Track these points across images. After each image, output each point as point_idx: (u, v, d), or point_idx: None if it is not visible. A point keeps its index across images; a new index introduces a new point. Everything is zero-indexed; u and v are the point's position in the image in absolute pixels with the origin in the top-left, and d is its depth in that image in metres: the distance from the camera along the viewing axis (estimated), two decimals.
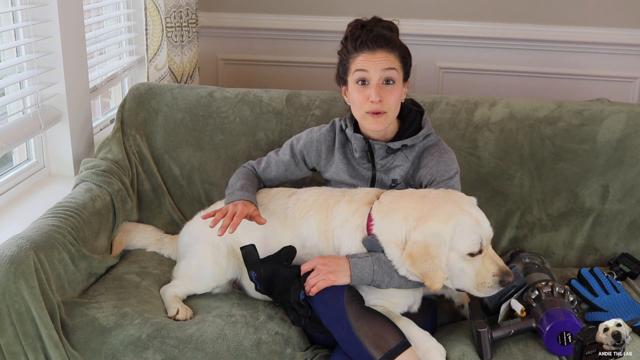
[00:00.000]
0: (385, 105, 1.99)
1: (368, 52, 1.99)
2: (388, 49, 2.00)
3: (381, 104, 1.99)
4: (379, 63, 1.98)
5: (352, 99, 2.05)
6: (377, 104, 1.98)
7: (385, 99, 1.99)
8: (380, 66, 1.98)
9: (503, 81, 3.41)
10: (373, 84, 1.99)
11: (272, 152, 2.27)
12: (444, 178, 2.02)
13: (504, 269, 1.79)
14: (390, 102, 2.00)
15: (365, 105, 2.01)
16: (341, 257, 1.87)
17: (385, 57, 1.99)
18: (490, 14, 3.34)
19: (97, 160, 2.42)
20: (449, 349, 1.83)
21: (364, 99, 2.00)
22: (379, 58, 1.98)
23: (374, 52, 1.99)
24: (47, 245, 1.93)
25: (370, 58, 1.99)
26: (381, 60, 1.98)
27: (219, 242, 2.13)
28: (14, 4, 2.35)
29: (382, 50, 1.99)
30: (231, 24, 3.51)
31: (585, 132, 2.43)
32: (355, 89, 2.02)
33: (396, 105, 2.04)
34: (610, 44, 3.28)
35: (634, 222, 2.41)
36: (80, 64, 2.54)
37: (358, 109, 2.04)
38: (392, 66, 1.99)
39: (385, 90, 1.99)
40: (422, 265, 1.77)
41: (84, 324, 1.89)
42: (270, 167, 2.24)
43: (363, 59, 2.00)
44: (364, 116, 2.03)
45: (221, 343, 1.87)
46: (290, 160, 2.22)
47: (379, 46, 1.99)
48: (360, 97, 2.01)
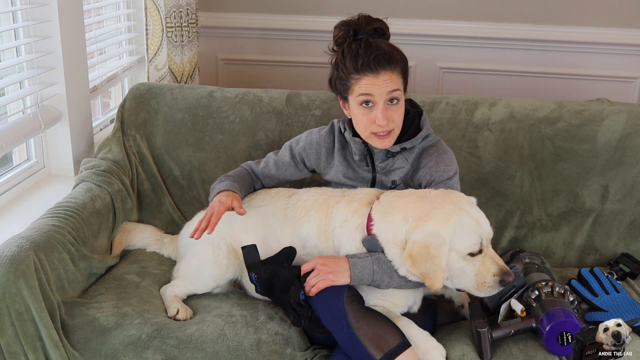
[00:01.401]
0: (391, 124, 1.97)
1: (371, 75, 1.92)
2: (390, 68, 1.93)
3: (388, 124, 1.96)
4: (383, 86, 1.93)
5: (357, 120, 2.01)
6: (384, 127, 1.96)
7: (391, 118, 1.96)
8: (385, 89, 1.93)
9: (503, 81, 3.41)
10: (379, 107, 1.94)
11: (271, 153, 2.26)
12: (443, 178, 2.02)
13: (504, 269, 1.79)
14: (397, 121, 1.98)
15: (372, 127, 1.98)
16: (341, 257, 1.87)
17: (389, 79, 1.93)
18: (490, 14, 3.34)
19: (97, 160, 2.42)
20: (449, 349, 1.83)
21: (370, 121, 1.97)
22: (383, 81, 1.93)
23: (377, 75, 1.92)
24: (47, 245, 1.93)
25: (374, 82, 1.93)
26: (385, 82, 1.93)
27: (219, 242, 2.13)
28: (14, 4, 2.35)
29: (385, 72, 1.93)
30: (231, 24, 3.51)
31: (585, 132, 2.43)
32: (360, 111, 1.98)
33: (400, 121, 2.01)
34: (610, 44, 3.28)
35: (634, 222, 2.41)
36: (80, 64, 2.54)
37: (363, 130, 2.00)
38: (396, 87, 1.95)
39: (390, 110, 1.96)
40: (422, 265, 1.77)
41: (84, 324, 1.89)
42: (269, 166, 2.23)
43: (366, 82, 1.93)
44: (369, 136, 2.00)
45: (221, 343, 1.87)
46: (290, 161, 2.21)
47: (381, 67, 1.92)
48: (365, 119, 1.97)
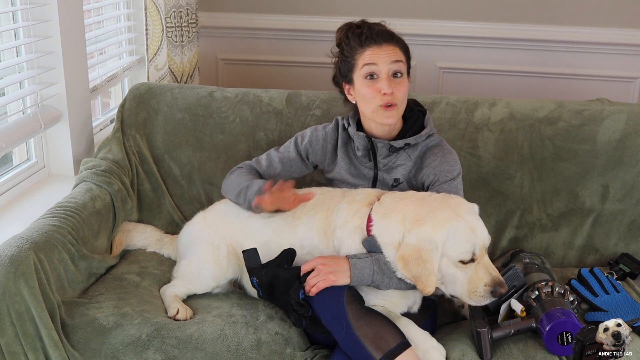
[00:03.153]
0: (396, 98, 2.00)
1: (375, 45, 2.01)
2: (393, 43, 2.03)
3: (393, 96, 1.99)
4: (386, 56, 2.00)
5: (362, 95, 2.04)
6: (390, 96, 1.99)
7: (396, 91, 2.00)
8: (389, 59, 2.00)
9: (503, 81, 3.41)
10: (383, 76, 2.00)
11: (273, 150, 2.25)
12: (447, 179, 2.02)
13: (496, 280, 1.78)
14: (400, 95, 2.02)
15: (377, 99, 2.00)
16: (341, 258, 1.87)
17: (392, 50, 2.01)
18: (490, 14, 3.34)
19: (97, 160, 2.42)
20: (449, 349, 1.83)
21: (375, 92, 2.00)
22: (386, 51, 2.00)
23: (380, 46, 2.00)
24: (47, 245, 1.93)
25: (378, 51, 2.00)
26: (388, 53, 2.00)
27: (219, 242, 2.13)
28: (14, 4, 2.34)
29: (388, 44, 2.01)
30: (231, 24, 3.51)
31: (585, 132, 2.43)
32: (365, 84, 2.02)
33: (404, 98, 2.05)
34: (610, 44, 3.28)
35: (634, 222, 2.41)
36: (80, 64, 2.54)
37: (369, 103, 2.03)
38: (399, 59, 2.02)
39: (394, 82, 2.00)
40: (414, 268, 1.77)
41: (84, 324, 1.89)
42: (274, 165, 2.22)
43: (371, 52, 2.00)
44: (375, 110, 2.02)
45: (221, 343, 1.87)
46: (296, 157, 2.21)
47: (384, 40, 2.01)
48: (370, 91, 2.01)
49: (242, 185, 2.12)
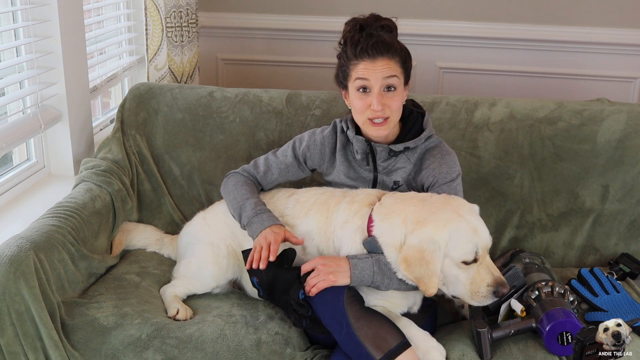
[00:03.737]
0: (387, 111, 1.98)
1: (368, 60, 1.96)
2: (389, 56, 1.97)
3: (383, 110, 1.97)
4: (379, 71, 1.96)
5: (353, 106, 2.04)
6: (379, 112, 1.97)
7: (387, 105, 1.98)
8: (381, 75, 1.96)
9: (503, 81, 3.41)
10: (374, 92, 1.97)
11: (271, 154, 2.23)
12: (446, 180, 2.02)
13: (499, 280, 1.78)
14: (393, 108, 1.99)
15: (367, 112, 1.99)
16: (341, 258, 1.87)
17: (386, 65, 1.96)
18: (490, 14, 3.34)
19: (97, 160, 2.42)
20: (449, 349, 1.83)
21: (365, 106, 1.99)
22: (380, 66, 1.96)
23: (374, 60, 1.96)
24: (47, 245, 1.93)
25: (371, 66, 1.96)
26: (382, 68, 1.96)
27: (219, 243, 2.13)
28: (14, 4, 2.34)
29: (383, 58, 1.96)
30: (231, 24, 3.51)
31: (585, 132, 2.43)
32: (357, 96, 2.01)
33: (398, 109, 2.02)
34: (610, 44, 3.28)
35: (634, 222, 2.41)
36: (80, 64, 2.54)
37: (360, 114, 2.02)
38: (393, 74, 1.97)
39: (386, 97, 1.98)
40: (416, 269, 1.77)
41: (84, 324, 1.89)
42: (272, 170, 2.21)
43: (363, 67, 1.97)
44: (365, 122, 2.02)
45: (221, 343, 1.87)
46: (293, 162, 2.20)
47: (379, 53, 1.96)
48: (361, 104, 2.00)
49: (238, 204, 2.08)
